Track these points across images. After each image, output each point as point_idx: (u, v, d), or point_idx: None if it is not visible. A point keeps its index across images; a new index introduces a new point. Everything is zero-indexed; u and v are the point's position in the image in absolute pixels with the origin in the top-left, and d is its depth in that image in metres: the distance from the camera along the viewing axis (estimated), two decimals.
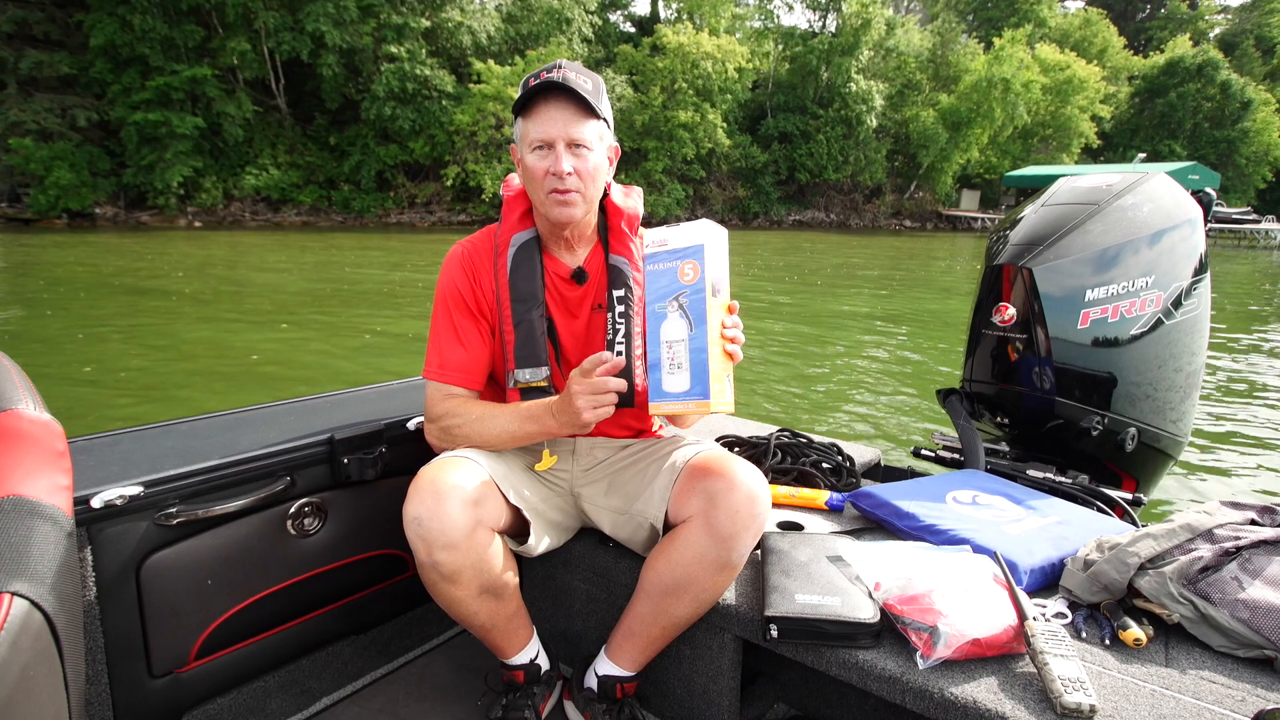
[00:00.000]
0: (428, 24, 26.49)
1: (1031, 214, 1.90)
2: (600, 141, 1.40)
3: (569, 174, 1.34)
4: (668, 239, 1.28)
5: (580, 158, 1.36)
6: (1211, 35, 59.13)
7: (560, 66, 1.35)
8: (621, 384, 1.29)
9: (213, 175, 24.64)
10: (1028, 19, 43.21)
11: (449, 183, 26.91)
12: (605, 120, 1.41)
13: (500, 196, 1.56)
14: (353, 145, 27.08)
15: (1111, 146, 44.97)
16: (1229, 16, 63.20)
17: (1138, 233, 1.79)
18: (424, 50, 26.37)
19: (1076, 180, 1.97)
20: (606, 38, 34.70)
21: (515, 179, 1.52)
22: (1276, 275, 19.37)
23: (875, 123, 36.25)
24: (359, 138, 27.03)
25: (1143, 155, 40.74)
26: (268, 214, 25.79)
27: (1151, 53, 50.12)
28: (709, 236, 1.26)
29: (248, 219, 25.34)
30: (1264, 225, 34.78)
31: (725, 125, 32.38)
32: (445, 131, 26.58)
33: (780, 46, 37.36)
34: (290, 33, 24.61)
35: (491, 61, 26.92)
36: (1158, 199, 1.86)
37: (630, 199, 1.54)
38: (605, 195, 1.51)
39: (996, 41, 37.03)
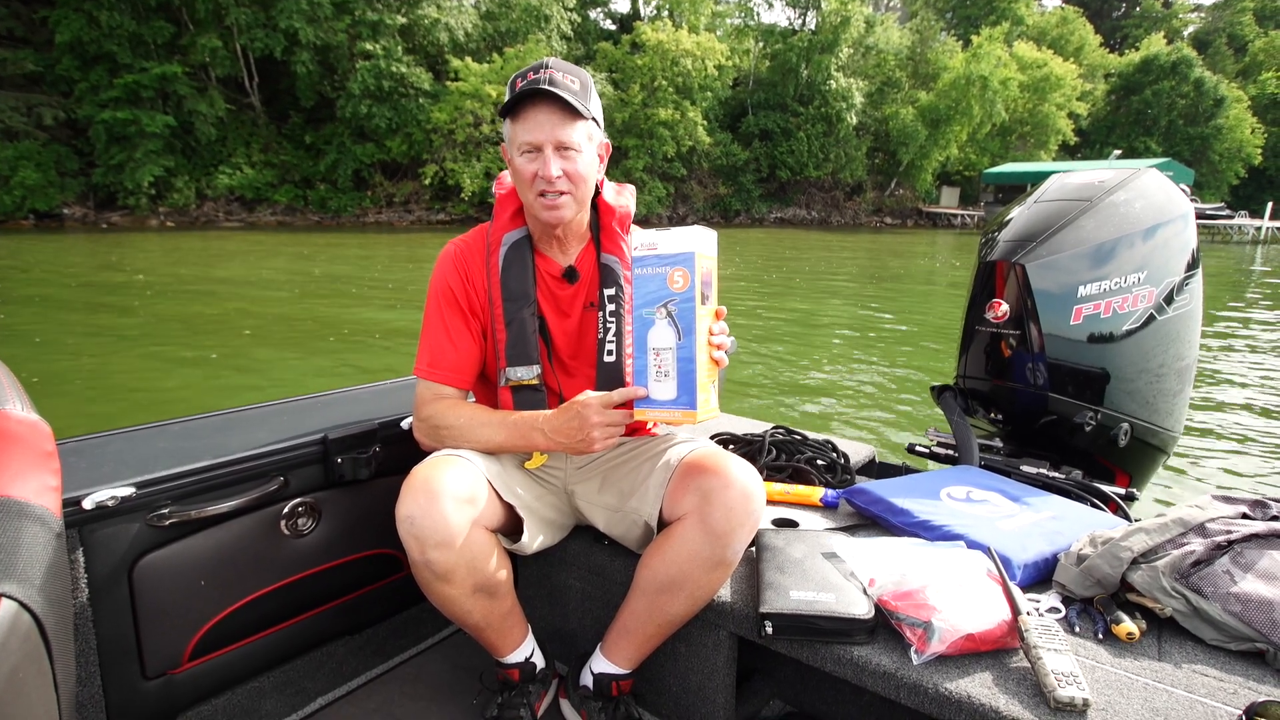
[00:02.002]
0: (404, 21, 26.15)
1: (1024, 210, 1.88)
2: (589, 141, 1.39)
3: (557, 177, 1.34)
4: (657, 243, 1.25)
5: (569, 160, 1.35)
6: (1185, 33, 60.02)
7: (547, 66, 1.33)
8: (629, 415, 1.30)
9: (185, 175, 24.17)
10: (1005, 17, 43.62)
11: (427, 181, 26.61)
12: (594, 119, 1.39)
13: (481, 195, 1.44)
14: (329, 144, 26.68)
15: (1088, 143, 45.46)
16: (1202, 15, 64.20)
17: (1130, 228, 1.78)
18: (400, 47, 26.03)
19: (1069, 177, 1.96)
20: (586, 35, 34.51)
21: (507, 177, 1.51)
22: (1250, 269, 19.57)
23: (855, 120, 36.37)
24: (335, 136, 26.64)
25: (1118, 152, 41.20)
26: (242, 214, 25.35)
27: (1127, 50, 50.80)
28: (700, 243, 1.24)
29: (221, 219, 24.89)
30: (1237, 220, 35.29)
31: (706, 123, 32.32)
32: (423, 130, 26.28)
33: (760, 44, 37.38)
34: (263, 29, 24.19)
35: (469, 59, 26.65)
36: (1149, 195, 1.85)
37: (622, 197, 1.53)
38: (597, 193, 1.49)
39: (974, 39, 37.30)
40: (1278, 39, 54.83)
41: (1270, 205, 36.48)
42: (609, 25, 38.57)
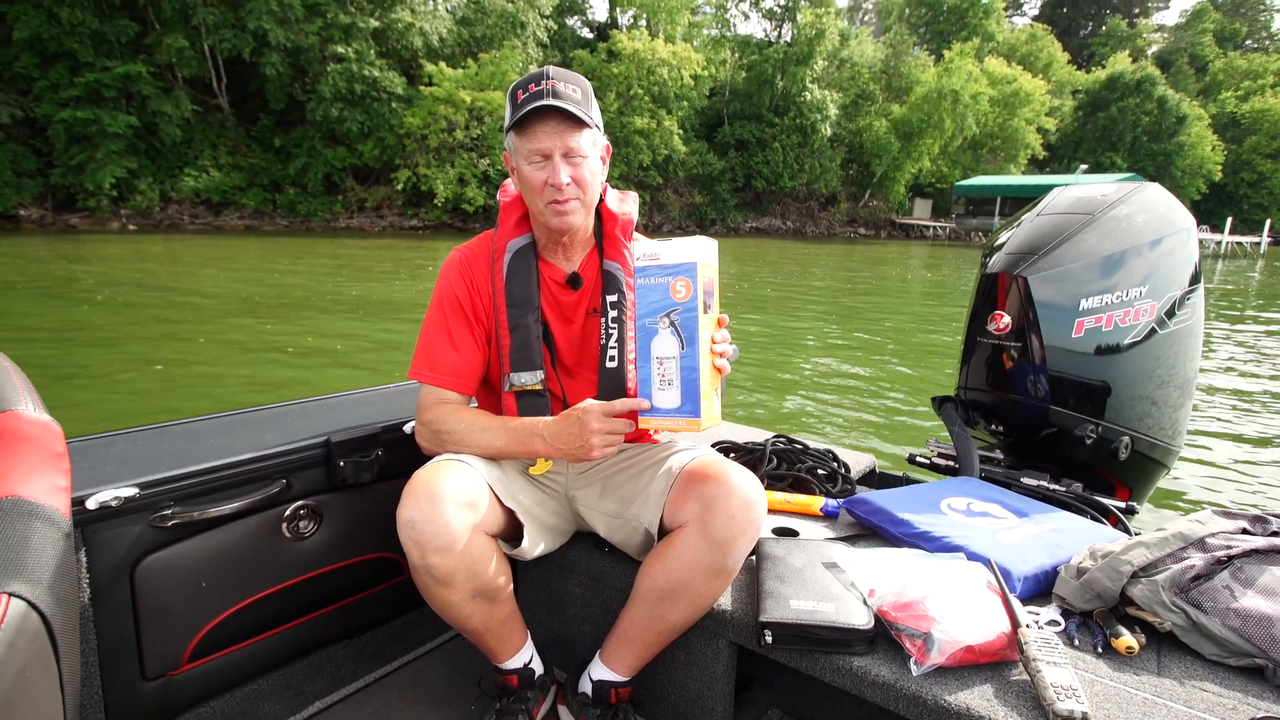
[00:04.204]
0: (377, 24, 25.85)
1: (1027, 223, 1.88)
2: (594, 147, 1.41)
3: (567, 184, 1.36)
4: (659, 253, 1.27)
5: (576, 166, 1.37)
6: (1149, 53, 61.66)
7: (548, 77, 1.35)
8: (630, 424, 1.32)
9: (149, 176, 23.59)
10: (976, 32, 44.43)
11: (400, 186, 26.27)
12: (597, 126, 1.41)
13: (455, 201, 1.32)
14: (299, 147, 26.24)
15: (1057, 158, 46.42)
16: (1165, 35, 66.08)
17: (1132, 242, 1.78)
18: (373, 51, 25.72)
19: (1071, 190, 1.96)
20: (563, 43, 34.45)
21: (511, 185, 1.53)
22: (1218, 282, 19.97)
23: (830, 132, 36.72)
24: (305, 139, 26.21)
25: (1085, 166, 42.13)
26: (208, 217, 24.78)
27: (1094, 68, 51.96)
28: (702, 253, 1.25)
29: (186, 222, 24.31)
30: (1199, 236, 36.11)
31: (682, 132, 32.40)
32: (395, 134, 25.97)
33: (736, 55, 37.62)
34: (231, 30, 23.75)
35: (443, 64, 26.42)
36: (1151, 209, 1.85)
37: (625, 204, 1.55)
38: (600, 200, 1.50)
39: (946, 54, 37.89)
40: (1236, 60, 56.55)
41: (1230, 220, 37.49)
42: (586, 34, 38.55)
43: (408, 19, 26.44)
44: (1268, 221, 40.27)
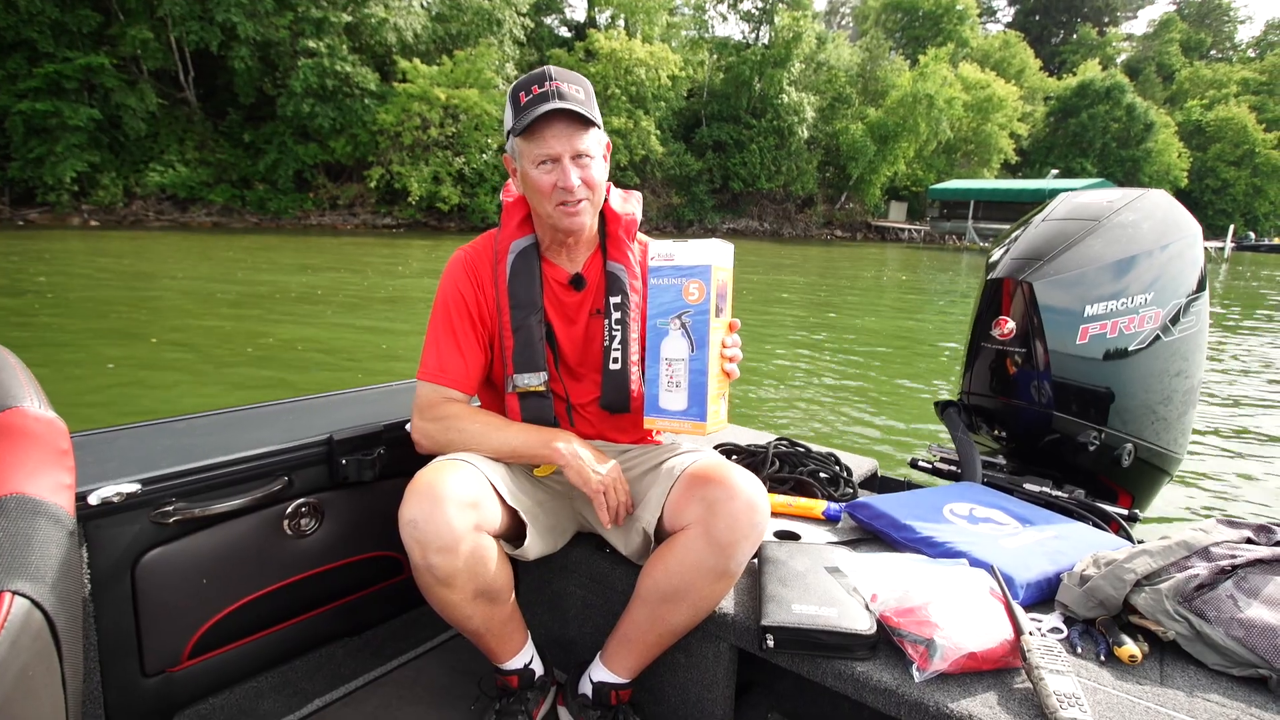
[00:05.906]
0: (349, 19, 25.37)
1: (1032, 229, 1.87)
2: (599, 145, 1.42)
3: (578, 185, 1.36)
4: (674, 254, 1.28)
5: (585, 167, 1.37)
6: (1118, 61, 62.87)
7: (551, 78, 1.35)
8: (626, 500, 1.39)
9: (112, 171, 22.94)
10: (951, 38, 44.97)
11: (373, 184, 25.83)
12: (599, 124, 1.41)
13: (429, 199, 1.21)
14: (269, 143, 25.68)
15: (1029, 163, 47.13)
16: (1134, 44, 67.41)
17: (1137, 249, 1.77)
18: (345, 46, 25.23)
19: (1077, 196, 1.97)
20: (540, 41, 34.18)
21: (513, 185, 1.53)
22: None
23: (807, 134, 36.87)
24: (275, 135, 25.65)
25: (1056, 171, 42.80)
26: (174, 213, 24.16)
27: (1065, 75, 52.82)
28: (716, 256, 1.26)
29: (151, 218, 23.68)
30: None
31: (659, 133, 32.30)
32: (368, 131, 25.53)
33: (714, 56, 37.62)
34: (198, 22, 23.12)
35: (418, 61, 26.04)
36: (1156, 215, 1.84)
37: (629, 205, 1.56)
38: (604, 200, 1.50)
39: (921, 59, 38.23)
40: (1201, 69, 57.87)
41: None
42: (564, 32, 38.29)
43: (381, 14, 25.97)
44: (1230, 227, 41.24)
